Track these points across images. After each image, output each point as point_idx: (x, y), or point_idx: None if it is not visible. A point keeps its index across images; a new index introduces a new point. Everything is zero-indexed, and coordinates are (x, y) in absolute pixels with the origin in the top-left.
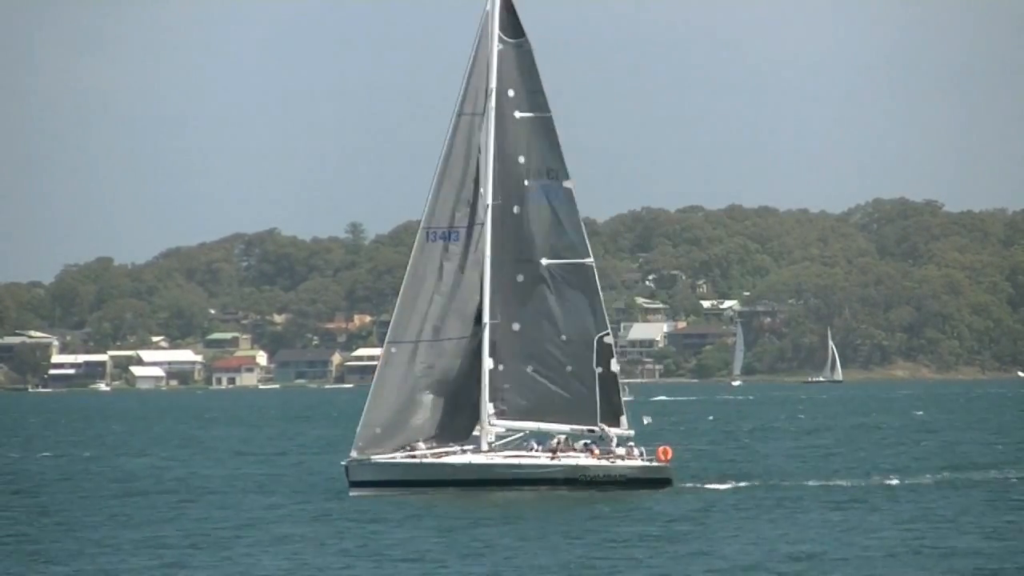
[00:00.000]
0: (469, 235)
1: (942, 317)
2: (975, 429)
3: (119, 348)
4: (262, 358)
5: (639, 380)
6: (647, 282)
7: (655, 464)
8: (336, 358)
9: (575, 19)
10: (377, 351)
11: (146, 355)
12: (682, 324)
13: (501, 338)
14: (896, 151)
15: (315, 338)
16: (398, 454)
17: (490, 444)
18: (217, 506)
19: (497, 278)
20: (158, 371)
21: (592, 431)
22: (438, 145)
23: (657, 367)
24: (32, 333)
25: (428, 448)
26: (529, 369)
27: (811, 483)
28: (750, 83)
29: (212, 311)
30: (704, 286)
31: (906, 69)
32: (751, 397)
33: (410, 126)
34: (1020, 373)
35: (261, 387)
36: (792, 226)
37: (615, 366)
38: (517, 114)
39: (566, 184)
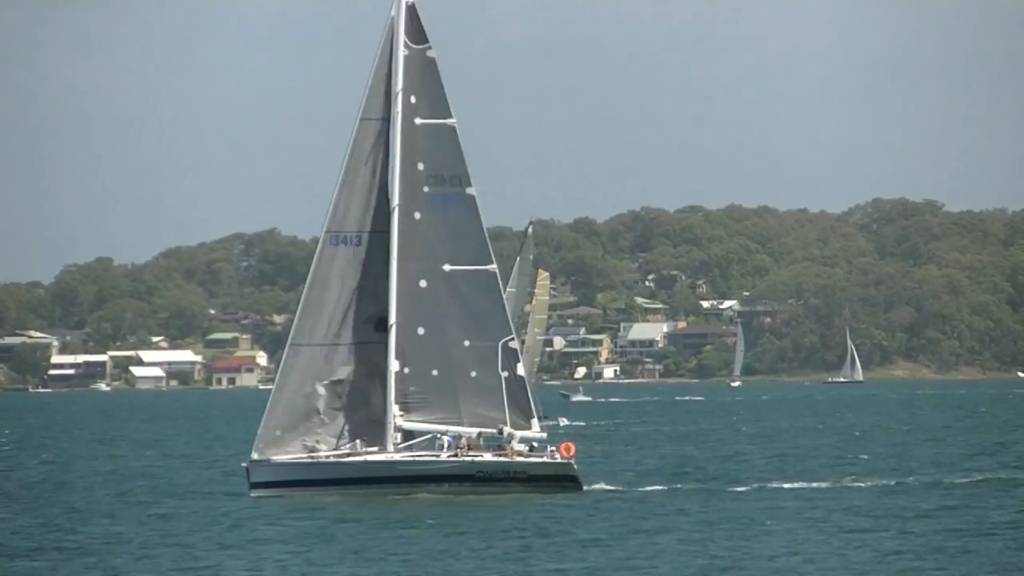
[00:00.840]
0: (372, 240)
1: (942, 317)
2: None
3: (119, 348)
4: (262, 358)
5: (639, 380)
6: (647, 282)
7: (557, 460)
8: None
9: (578, 19)
10: None
11: (146, 355)
12: (682, 324)
13: (407, 342)
14: (896, 151)
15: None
16: (299, 455)
17: (396, 445)
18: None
19: (401, 283)
20: (158, 371)
21: (500, 432)
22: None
23: (657, 367)
24: (32, 333)
25: (330, 449)
26: (435, 372)
27: (657, 488)
28: (751, 83)
29: (212, 311)
30: (704, 286)
31: (906, 69)
32: (739, 398)
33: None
34: (1020, 373)
35: (261, 387)
36: (792, 226)
37: (521, 370)
38: (418, 120)
39: (468, 191)
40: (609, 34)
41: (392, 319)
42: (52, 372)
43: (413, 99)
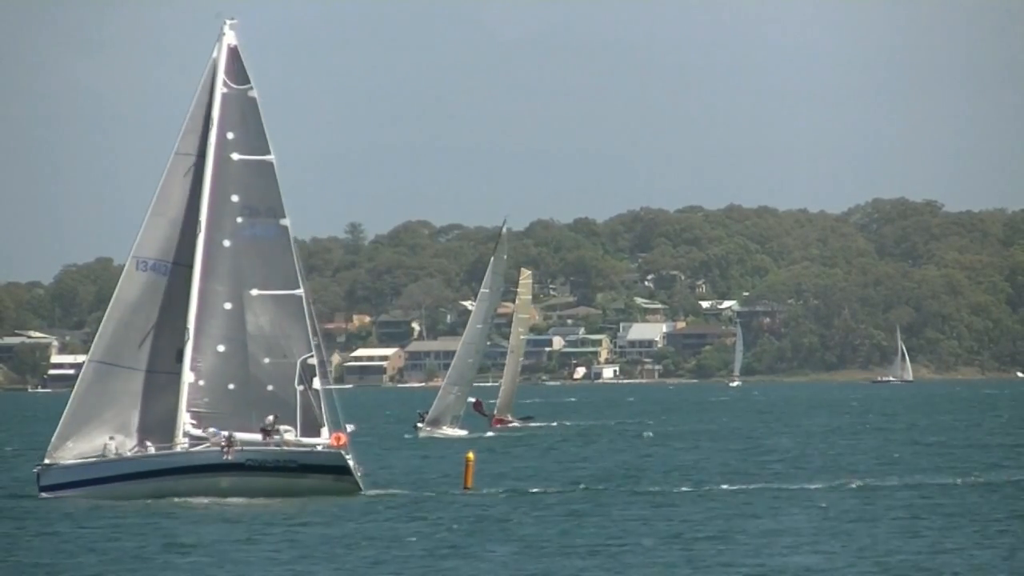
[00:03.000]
0: (176, 272)
1: (941, 317)
2: None
3: None
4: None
5: (639, 380)
6: (646, 282)
7: (327, 450)
8: (335, 358)
9: (579, 19)
10: (377, 351)
11: None
12: (681, 324)
13: (205, 358)
14: (896, 151)
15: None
16: (88, 457)
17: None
18: None
19: (205, 306)
20: None
21: (273, 425)
22: (440, 145)
23: (656, 367)
24: (32, 333)
25: (121, 450)
26: (231, 387)
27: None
28: (750, 83)
29: None
30: (703, 286)
31: (906, 69)
32: (723, 399)
33: (410, 126)
34: (1020, 373)
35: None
36: (791, 226)
37: (317, 384)
38: (235, 156)
39: (282, 222)
40: (608, 34)
41: (189, 334)
42: (52, 372)
43: (231, 135)
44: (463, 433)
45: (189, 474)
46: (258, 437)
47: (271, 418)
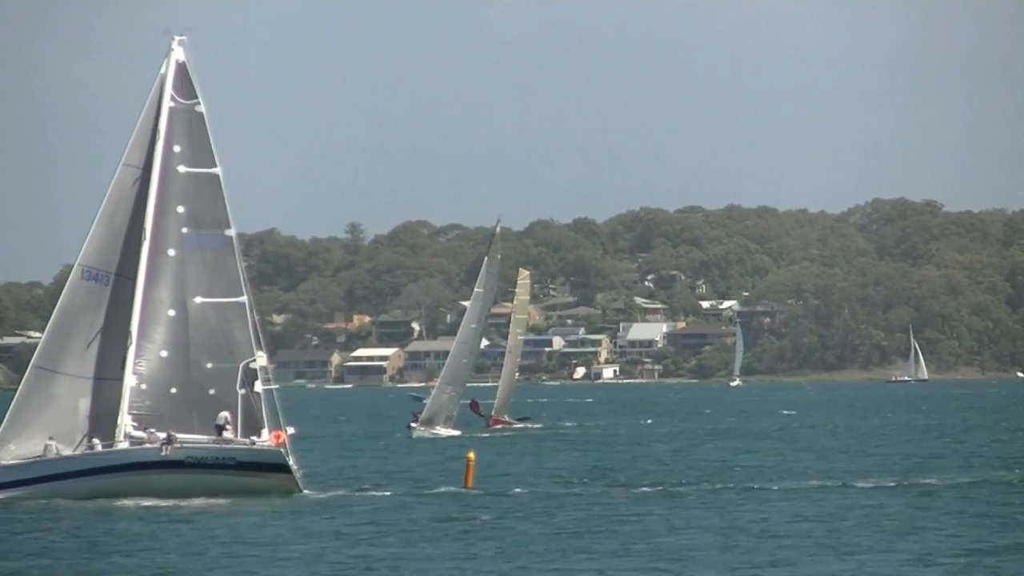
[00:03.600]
0: (120, 278)
1: (941, 318)
2: None
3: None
4: (261, 358)
5: (638, 380)
6: (646, 282)
7: (266, 448)
8: (335, 358)
9: (577, 18)
10: (377, 351)
11: None
12: (681, 324)
13: (147, 363)
14: (896, 151)
15: (314, 338)
16: (27, 457)
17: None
18: None
19: (149, 313)
20: None
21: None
22: (440, 146)
23: (656, 367)
24: (32, 333)
25: (59, 453)
26: (173, 391)
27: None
28: (750, 83)
29: None
30: (703, 286)
31: (906, 69)
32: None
33: (410, 126)
34: (1020, 373)
35: (262, 387)
36: (791, 226)
37: (259, 387)
38: (181, 168)
39: (227, 232)
40: (607, 34)
41: (132, 340)
42: None
43: (177, 148)
44: (456, 433)
45: (128, 471)
46: (202, 438)
47: (225, 414)
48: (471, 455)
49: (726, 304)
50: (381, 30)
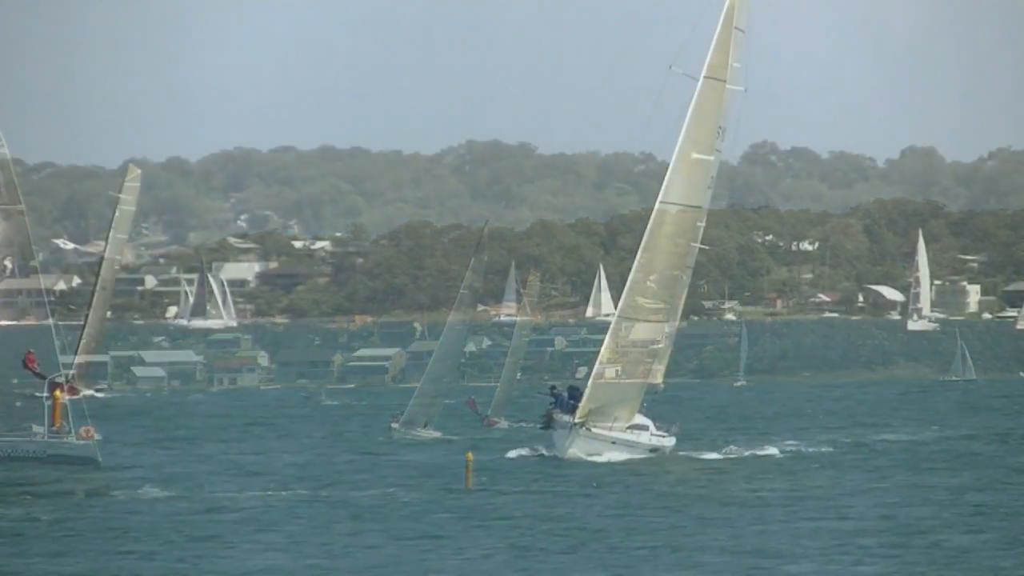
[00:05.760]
0: None
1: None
2: None
3: (120, 348)
4: (263, 359)
5: (638, 380)
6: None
7: (77, 442)
8: (337, 358)
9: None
10: (377, 351)
11: (147, 355)
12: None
13: None
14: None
15: (316, 338)
16: None
17: None
18: None
19: None
20: (160, 371)
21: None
22: (440, 146)
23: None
24: None
25: None
26: None
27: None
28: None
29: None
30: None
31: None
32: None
33: (410, 126)
34: (1021, 373)
35: (262, 388)
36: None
37: (66, 398)
38: None
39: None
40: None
41: None
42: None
43: None
44: (437, 434)
45: None
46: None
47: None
48: (470, 455)
49: (727, 304)
50: (381, 29)
